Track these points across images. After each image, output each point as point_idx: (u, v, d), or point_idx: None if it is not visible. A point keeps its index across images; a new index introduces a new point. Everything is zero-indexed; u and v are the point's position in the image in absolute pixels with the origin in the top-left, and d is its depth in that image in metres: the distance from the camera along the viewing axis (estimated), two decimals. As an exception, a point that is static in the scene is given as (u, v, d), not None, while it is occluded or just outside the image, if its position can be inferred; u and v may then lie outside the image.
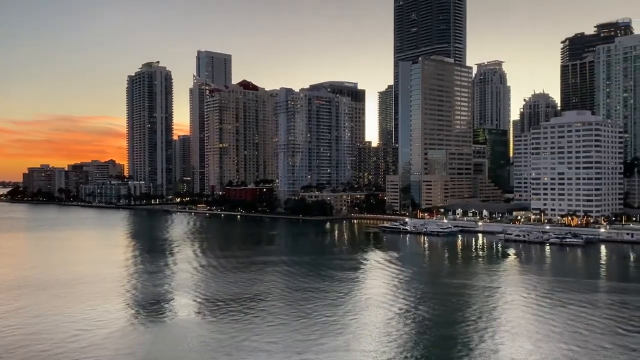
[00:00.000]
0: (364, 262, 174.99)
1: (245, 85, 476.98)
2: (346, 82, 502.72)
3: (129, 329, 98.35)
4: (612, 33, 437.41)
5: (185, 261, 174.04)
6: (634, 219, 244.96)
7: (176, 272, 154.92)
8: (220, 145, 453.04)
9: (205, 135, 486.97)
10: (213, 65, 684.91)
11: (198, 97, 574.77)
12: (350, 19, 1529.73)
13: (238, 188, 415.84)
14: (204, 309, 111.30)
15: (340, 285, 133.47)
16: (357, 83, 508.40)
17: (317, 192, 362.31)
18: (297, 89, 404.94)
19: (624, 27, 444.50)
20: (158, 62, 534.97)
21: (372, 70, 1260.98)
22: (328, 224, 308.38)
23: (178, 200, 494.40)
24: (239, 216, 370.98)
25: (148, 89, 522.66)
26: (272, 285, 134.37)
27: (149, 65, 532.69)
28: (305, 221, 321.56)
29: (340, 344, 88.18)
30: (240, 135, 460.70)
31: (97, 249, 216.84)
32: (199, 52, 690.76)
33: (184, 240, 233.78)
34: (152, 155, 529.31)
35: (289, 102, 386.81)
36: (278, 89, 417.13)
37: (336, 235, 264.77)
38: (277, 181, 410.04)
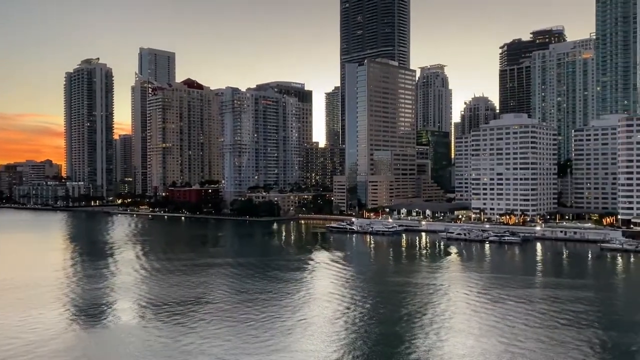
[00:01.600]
0: (311, 262, 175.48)
1: (190, 83, 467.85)
2: (293, 83, 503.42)
3: (67, 335, 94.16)
4: (547, 40, 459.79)
5: (127, 264, 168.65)
6: (566, 217, 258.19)
7: (117, 276, 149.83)
8: (164, 145, 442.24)
9: (148, 134, 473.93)
10: (156, 63, 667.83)
11: (140, 95, 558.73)
12: (297, 20, 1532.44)
13: (182, 189, 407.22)
14: (147, 313, 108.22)
15: (287, 286, 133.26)
16: (304, 84, 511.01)
17: (264, 193, 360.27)
18: (243, 89, 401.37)
19: (558, 35, 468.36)
20: (98, 58, 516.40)
21: (319, 71, 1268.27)
22: (275, 224, 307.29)
23: (119, 201, 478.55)
24: (183, 218, 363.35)
25: (87, 87, 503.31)
26: (218, 287, 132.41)
27: (88, 62, 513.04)
28: (252, 222, 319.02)
29: (288, 344, 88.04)
30: (184, 134, 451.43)
31: (33, 253, 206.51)
32: (141, 50, 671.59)
33: (126, 243, 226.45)
34: (91, 155, 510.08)
35: (235, 101, 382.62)
36: (224, 88, 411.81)
37: (283, 235, 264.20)
38: (223, 182, 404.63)
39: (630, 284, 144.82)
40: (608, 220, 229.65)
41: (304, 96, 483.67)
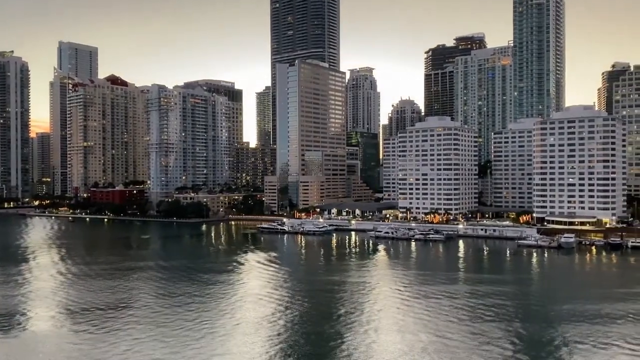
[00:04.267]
0: (242, 263, 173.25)
1: (114, 80, 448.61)
2: (223, 81, 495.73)
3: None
4: (469, 46, 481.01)
5: (43, 269, 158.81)
6: (486, 215, 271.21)
7: (31, 281, 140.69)
8: (85, 143, 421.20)
9: (68, 132, 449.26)
10: (77, 58, 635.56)
11: (60, 91, 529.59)
12: (227, 18, 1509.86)
13: (105, 190, 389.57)
14: (64, 320, 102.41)
15: (217, 289, 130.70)
16: (234, 83, 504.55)
17: (192, 194, 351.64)
18: (170, 87, 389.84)
19: (479, 41, 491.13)
20: (12, 51, 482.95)
21: (250, 70, 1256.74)
22: (204, 226, 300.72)
23: (36, 203, 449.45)
24: (106, 220, 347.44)
25: (0, 81, 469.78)
26: (142, 291, 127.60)
27: (1, 55, 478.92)
28: (179, 224, 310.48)
29: (215, 347, 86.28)
30: (107, 133, 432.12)
31: None
32: (60, 43, 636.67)
33: (42, 247, 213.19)
34: (5, 154, 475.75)
35: (161, 99, 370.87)
36: (150, 85, 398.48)
37: (213, 237, 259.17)
38: (148, 182, 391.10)
39: (544, 279, 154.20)
40: (524, 218, 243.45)
41: (234, 95, 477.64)
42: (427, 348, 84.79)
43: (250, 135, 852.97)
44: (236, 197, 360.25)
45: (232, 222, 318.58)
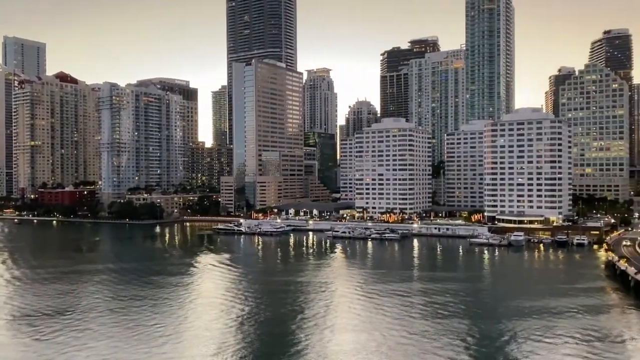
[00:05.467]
0: (197, 265, 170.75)
1: (63, 77, 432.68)
2: (177, 80, 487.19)
3: None
4: (423, 49, 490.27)
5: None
6: (440, 215, 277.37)
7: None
8: (32, 143, 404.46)
9: (14, 131, 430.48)
10: (23, 54, 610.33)
11: (4, 88, 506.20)
12: (182, 16, 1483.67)
13: (54, 191, 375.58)
14: (9, 327, 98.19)
15: (170, 291, 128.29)
16: (189, 81, 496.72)
17: (145, 194, 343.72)
18: (123, 85, 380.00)
19: (433, 44, 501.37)
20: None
21: (206, 69, 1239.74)
22: (158, 227, 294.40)
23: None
24: (55, 222, 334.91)
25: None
26: (93, 295, 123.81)
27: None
28: (132, 225, 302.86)
29: (170, 351, 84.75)
30: (56, 132, 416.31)
31: None
32: (5, 38, 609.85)
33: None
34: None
35: (113, 97, 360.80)
36: (101, 83, 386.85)
37: (167, 239, 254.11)
38: (100, 183, 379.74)
39: (494, 276, 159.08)
40: (476, 217, 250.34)
41: (189, 94, 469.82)
42: (381, 346, 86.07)
43: (205, 135, 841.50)
44: (191, 198, 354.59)
45: (187, 224, 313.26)
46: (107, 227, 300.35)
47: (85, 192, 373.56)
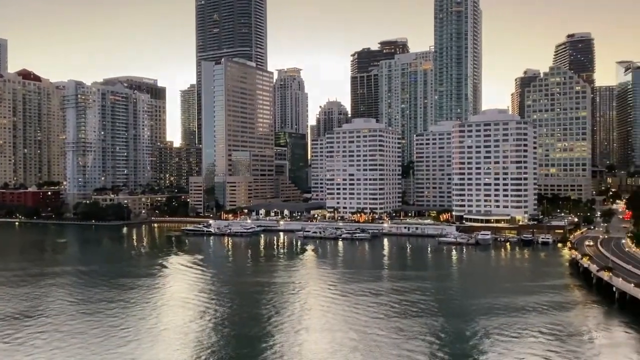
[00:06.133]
0: (165, 266, 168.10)
1: (25, 74, 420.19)
2: (145, 78, 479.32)
3: None
4: (393, 50, 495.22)
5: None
6: (409, 214, 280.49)
7: None
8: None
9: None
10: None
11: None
12: (150, 14, 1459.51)
13: (16, 191, 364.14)
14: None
15: (139, 293, 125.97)
16: (157, 80, 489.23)
17: (112, 195, 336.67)
18: (89, 83, 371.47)
19: (402, 46, 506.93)
20: None
21: (174, 67, 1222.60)
22: (125, 228, 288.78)
23: None
24: (17, 223, 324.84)
25: None
26: (59, 298, 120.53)
27: None
28: (98, 227, 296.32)
29: (141, 354, 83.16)
30: (18, 131, 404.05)
31: None
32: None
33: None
34: None
35: (79, 96, 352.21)
36: (66, 81, 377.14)
37: (134, 240, 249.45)
38: (65, 183, 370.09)
39: (463, 274, 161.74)
40: (444, 216, 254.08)
41: (157, 93, 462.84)
42: (358, 345, 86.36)
43: (174, 135, 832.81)
44: (159, 199, 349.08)
45: (155, 225, 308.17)
46: (73, 229, 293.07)
47: (50, 193, 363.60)
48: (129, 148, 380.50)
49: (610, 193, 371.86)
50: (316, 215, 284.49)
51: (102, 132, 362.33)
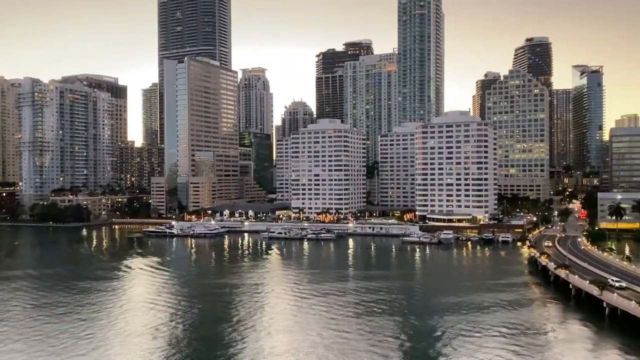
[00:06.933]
0: (126, 269, 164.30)
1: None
2: (105, 77, 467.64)
3: None
4: (357, 51, 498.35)
5: None
6: (374, 214, 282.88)
7: None
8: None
9: None
10: None
11: None
12: (110, 10, 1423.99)
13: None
14: None
15: (98, 296, 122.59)
16: (117, 78, 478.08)
17: (71, 196, 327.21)
18: (46, 80, 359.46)
19: (367, 47, 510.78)
20: None
21: (136, 66, 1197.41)
22: (85, 230, 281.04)
23: None
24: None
25: None
26: (15, 303, 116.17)
27: None
28: (56, 229, 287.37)
29: (97, 359, 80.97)
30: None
31: None
32: None
33: None
34: None
35: (35, 94, 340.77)
36: (22, 78, 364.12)
37: (94, 242, 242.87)
38: (20, 184, 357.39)
39: (425, 273, 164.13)
40: (408, 216, 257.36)
41: (118, 91, 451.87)
42: (318, 346, 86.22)
43: (135, 134, 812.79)
44: (120, 200, 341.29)
45: (116, 226, 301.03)
46: (29, 231, 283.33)
47: (4, 194, 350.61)
48: (88, 148, 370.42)
49: (567, 193, 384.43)
50: (281, 216, 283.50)
51: (61, 132, 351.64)
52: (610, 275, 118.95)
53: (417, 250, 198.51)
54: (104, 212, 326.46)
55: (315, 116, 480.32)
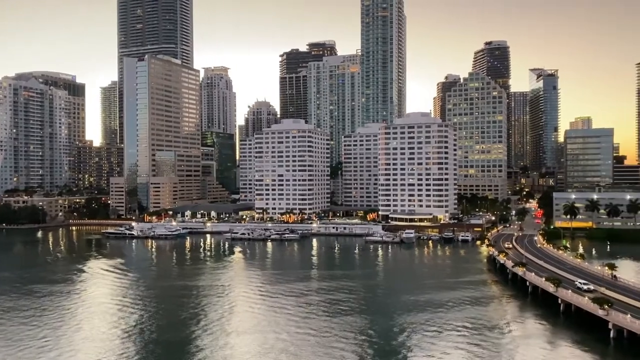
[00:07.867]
0: (84, 271, 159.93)
1: None
2: (62, 74, 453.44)
3: None
4: (321, 52, 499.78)
5: None
6: (338, 214, 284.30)
7: None
8: None
9: None
10: None
11: None
12: (67, 5, 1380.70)
13: None
14: None
15: (57, 300, 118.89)
16: (75, 76, 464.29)
17: (25, 197, 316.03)
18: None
19: (330, 48, 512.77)
20: None
21: (95, 63, 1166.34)
22: (40, 232, 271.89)
23: None
24: None
25: None
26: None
27: None
28: (10, 231, 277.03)
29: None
30: None
31: None
32: None
33: None
34: None
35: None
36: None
37: (50, 244, 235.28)
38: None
39: (388, 272, 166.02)
40: (371, 216, 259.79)
41: (76, 89, 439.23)
42: (288, 346, 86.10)
43: (94, 133, 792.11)
44: (78, 200, 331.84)
45: (73, 228, 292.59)
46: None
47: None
48: (44, 147, 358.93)
49: (524, 193, 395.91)
50: (245, 217, 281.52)
51: (14, 130, 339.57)
52: (565, 273, 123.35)
53: (380, 249, 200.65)
54: (60, 214, 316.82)
55: (279, 116, 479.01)
